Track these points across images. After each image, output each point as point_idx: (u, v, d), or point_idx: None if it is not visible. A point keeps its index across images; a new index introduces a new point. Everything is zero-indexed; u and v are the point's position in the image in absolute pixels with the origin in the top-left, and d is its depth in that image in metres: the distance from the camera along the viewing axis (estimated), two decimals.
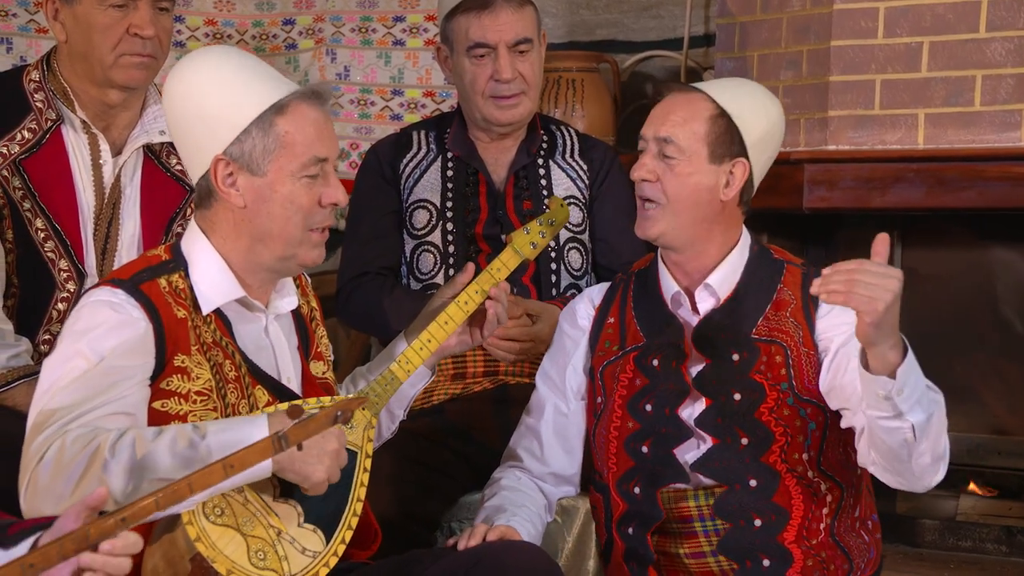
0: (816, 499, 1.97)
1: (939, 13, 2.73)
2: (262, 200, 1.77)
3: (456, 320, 1.98)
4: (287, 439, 1.53)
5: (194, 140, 1.79)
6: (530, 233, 2.09)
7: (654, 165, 1.98)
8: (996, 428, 3.02)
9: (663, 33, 3.47)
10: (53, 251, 2.23)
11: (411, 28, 3.55)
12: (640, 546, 2.00)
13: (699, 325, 2.01)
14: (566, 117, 3.24)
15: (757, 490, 1.95)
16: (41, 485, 1.61)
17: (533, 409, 2.14)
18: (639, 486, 2.00)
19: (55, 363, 1.71)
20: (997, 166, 2.69)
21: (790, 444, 1.96)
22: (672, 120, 1.98)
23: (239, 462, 1.51)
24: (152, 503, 1.43)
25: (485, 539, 1.86)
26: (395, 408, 2.04)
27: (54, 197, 2.25)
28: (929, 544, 2.89)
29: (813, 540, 1.97)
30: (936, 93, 2.75)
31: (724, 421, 1.97)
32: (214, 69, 1.78)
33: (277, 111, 1.76)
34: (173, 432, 1.64)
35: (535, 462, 2.11)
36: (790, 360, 1.97)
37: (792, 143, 2.89)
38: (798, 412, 1.96)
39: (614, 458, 2.03)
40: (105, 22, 2.22)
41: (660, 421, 2.00)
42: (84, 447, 1.61)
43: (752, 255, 2.04)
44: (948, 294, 3.06)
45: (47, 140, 2.27)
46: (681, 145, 1.96)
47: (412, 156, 2.62)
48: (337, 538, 1.75)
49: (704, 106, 1.98)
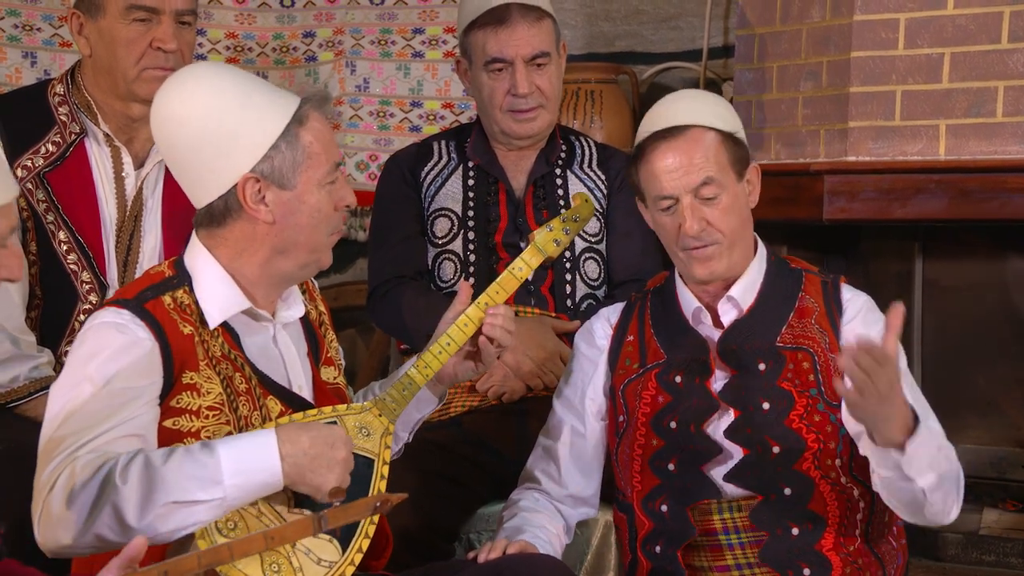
0: (850, 505, 1.96)
1: (960, 24, 2.72)
2: (291, 213, 1.77)
3: (476, 322, 1.93)
4: (327, 520, 1.58)
5: (208, 162, 1.76)
6: (553, 231, 2.05)
7: (701, 214, 1.95)
8: (1019, 441, 2.99)
9: (682, 44, 3.47)
10: (76, 263, 2.25)
11: (430, 40, 3.56)
12: (669, 564, 1.98)
13: (723, 338, 2.00)
14: (585, 128, 3.24)
15: (792, 498, 1.94)
16: (54, 515, 1.61)
17: (551, 430, 2.13)
18: (666, 504, 1.99)
19: (62, 389, 1.70)
20: (1019, 177, 2.68)
21: (823, 450, 1.95)
22: (696, 164, 1.94)
23: (279, 536, 1.56)
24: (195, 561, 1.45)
25: (505, 552, 1.86)
26: (400, 431, 2.00)
27: (77, 210, 2.26)
28: (952, 558, 2.86)
29: (850, 547, 1.96)
30: (957, 104, 2.73)
31: (754, 431, 1.96)
32: (224, 88, 1.76)
33: (298, 123, 1.77)
34: (182, 453, 1.64)
35: (553, 484, 2.10)
36: (818, 366, 1.96)
37: (812, 154, 2.88)
38: (828, 418, 1.95)
39: (638, 476, 2.02)
40: (129, 36, 2.24)
41: (686, 438, 1.98)
42: (94, 474, 1.61)
43: (770, 265, 2.05)
44: (970, 306, 3.04)
45: (71, 153, 2.28)
46: (719, 180, 1.95)
47: (433, 165, 2.63)
48: (353, 547, 1.74)
49: (709, 136, 1.97)
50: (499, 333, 1.93)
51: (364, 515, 1.61)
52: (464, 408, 2.49)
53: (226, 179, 1.76)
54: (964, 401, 1.79)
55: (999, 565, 2.83)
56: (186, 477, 1.62)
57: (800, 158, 2.90)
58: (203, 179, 1.78)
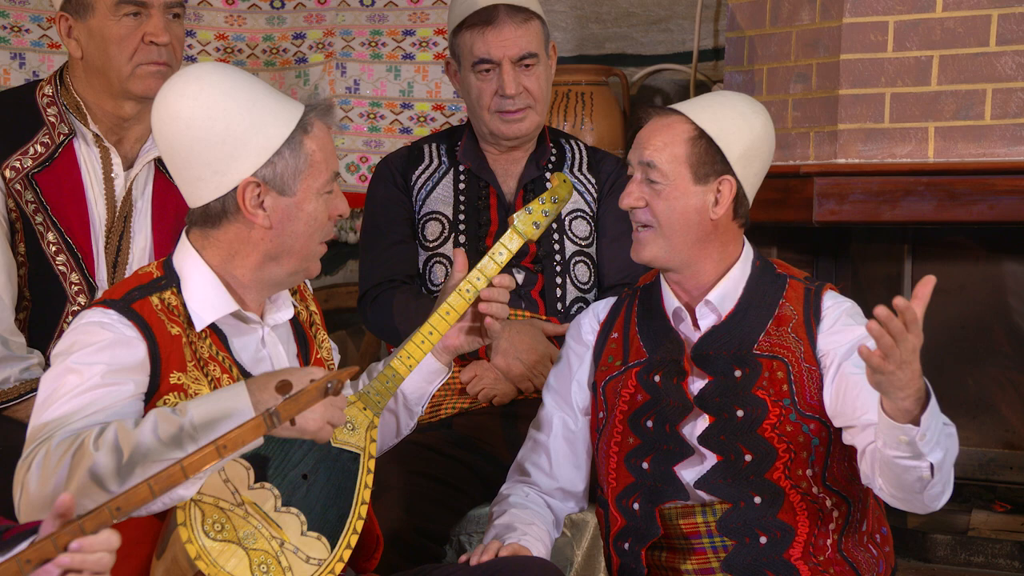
0: (822, 515, 1.96)
1: (949, 27, 2.73)
2: (289, 219, 1.77)
3: (458, 309, 1.92)
4: (279, 415, 1.51)
5: (210, 163, 1.75)
6: (532, 213, 2.02)
7: (641, 191, 1.99)
8: (1008, 442, 3.00)
9: (672, 47, 3.48)
10: (64, 264, 2.24)
11: (420, 42, 3.56)
12: (633, 561, 1.99)
13: (699, 342, 2.00)
14: (575, 131, 3.25)
15: (761, 507, 1.94)
16: (31, 491, 1.61)
17: (541, 423, 2.13)
18: (638, 502, 1.99)
19: (49, 380, 1.71)
20: (1007, 179, 2.69)
21: (793, 460, 1.95)
22: (653, 145, 1.98)
23: (232, 443, 1.49)
24: (146, 489, 1.41)
25: (497, 555, 1.86)
26: (413, 405, 2.00)
27: (66, 211, 2.26)
28: (941, 559, 2.87)
29: (820, 556, 1.96)
30: (946, 107, 2.74)
31: (727, 438, 1.96)
32: (231, 91, 1.76)
33: (303, 131, 1.77)
34: (154, 416, 1.64)
35: (543, 476, 2.11)
36: (792, 376, 1.96)
37: (802, 156, 2.88)
38: (801, 428, 1.95)
39: (614, 473, 2.03)
40: (120, 33, 2.23)
41: (661, 438, 1.99)
42: (68, 448, 1.61)
43: (754, 270, 2.04)
44: (959, 307, 3.05)
45: (59, 154, 2.28)
46: (664, 169, 1.97)
47: (424, 168, 2.63)
48: (342, 544, 1.74)
49: (682, 128, 1.98)
50: (495, 308, 1.95)
51: (316, 399, 1.53)
52: (454, 410, 2.49)
53: (227, 181, 1.76)
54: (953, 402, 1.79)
55: (988, 566, 2.84)
56: (161, 439, 1.60)
57: (790, 160, 2.90)
58: (203, 179, 1.77)
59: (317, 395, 1.54)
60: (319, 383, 1.54)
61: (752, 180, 2.02)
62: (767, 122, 2.04)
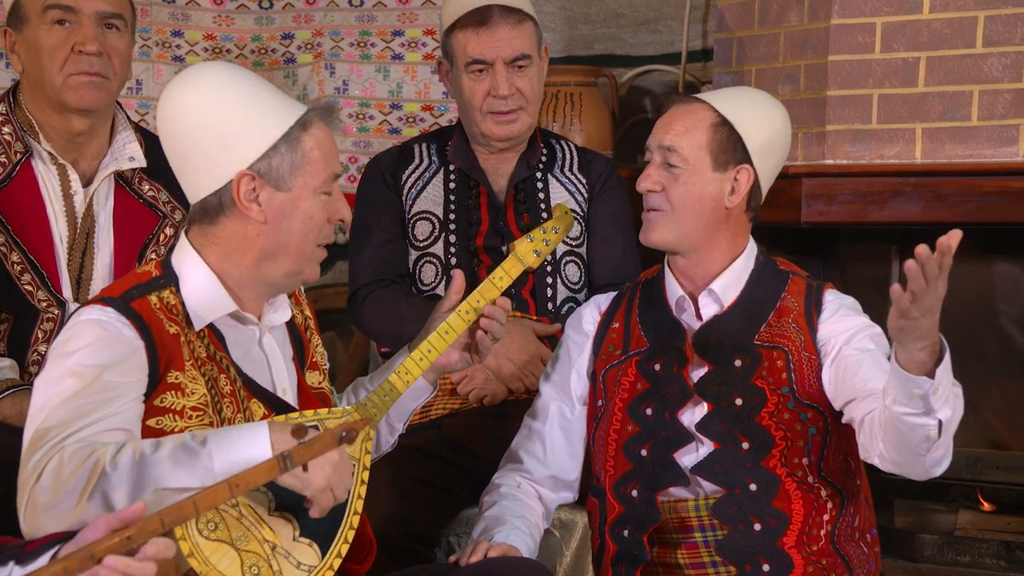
0: (817, 505, 1.98)
1: (936, 28, 2.74)
2: (283, 216, 1.77)
3: (457, 330, 1.96)
4: (292, 459, 1.54)
5: (207, 155, 1.76)
6: (533, 241, 2.07)
7: (659, 175, 2.01)
8: (995, 442, 3.02)
9: (661, 48, 3.49)
10: (30, 283, 2.22)
11: (410, 42, 3.56)
12: (635, 547, 1.99)
13: (700, 330, 2.02)
14: (564, 131, 3.25)
15: (757, 494, 1.96)
16: (41, 503, 1.60)
17: (537, 412, 2.15)
18: (637, 489, 2.00)
19: (47, 382, 1.69)
20: (994, 180, 2.70)
21: (790, 448, 1.96)
22: (675, 130, 2.01)
23: (244, 482, 1.51)
24: (157, 521, 1.42)
25: (487, 556, 1.86)
26: (395, 421, 2.03)
27: (28, 230, 2.24)
28: (927, 559, 2.88)
29: (814, 546, 1.97)
30: (933, 108, 2.75)
31: (725, 426, 1.97)
32: (231, 84, 1.77)
33: (302, 127, 1.77)
34: (172, 442, 1.64)
35: (537, 464, 2.11)
36: (791, 364, 1.98)
37: (790, 157, 2.89)
38: (798, 416, 1.97)
39: (612, 461, 2.04)
40: (51, 43, 2.23)
41: (660, 425, 2.00)
42: (83, 462, 1.60)
43: (758, 264, 2.06)
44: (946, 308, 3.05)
45: (17, 173, 2.25)
46: (684, 154, 2.00)
47: (414, 168, 2.63)
48: (333, 551, 1.74)
49: (705, 115, 2.01)
50: (495, 327, 1.97)
51: (330, 447, 1.56)
52: (445, 411, 2.49)
53: (223, 173, 1.76)
54: None
55: (974, 566, 2.85)
56: (177, 466, 1.61)
57: None
58: (200, 172, 1.78)
59: (331, 442, 1.57)
60: (334, 431, 1.57)
61: (768, 174, 2.06)
62: (786, 119, 2.09)
